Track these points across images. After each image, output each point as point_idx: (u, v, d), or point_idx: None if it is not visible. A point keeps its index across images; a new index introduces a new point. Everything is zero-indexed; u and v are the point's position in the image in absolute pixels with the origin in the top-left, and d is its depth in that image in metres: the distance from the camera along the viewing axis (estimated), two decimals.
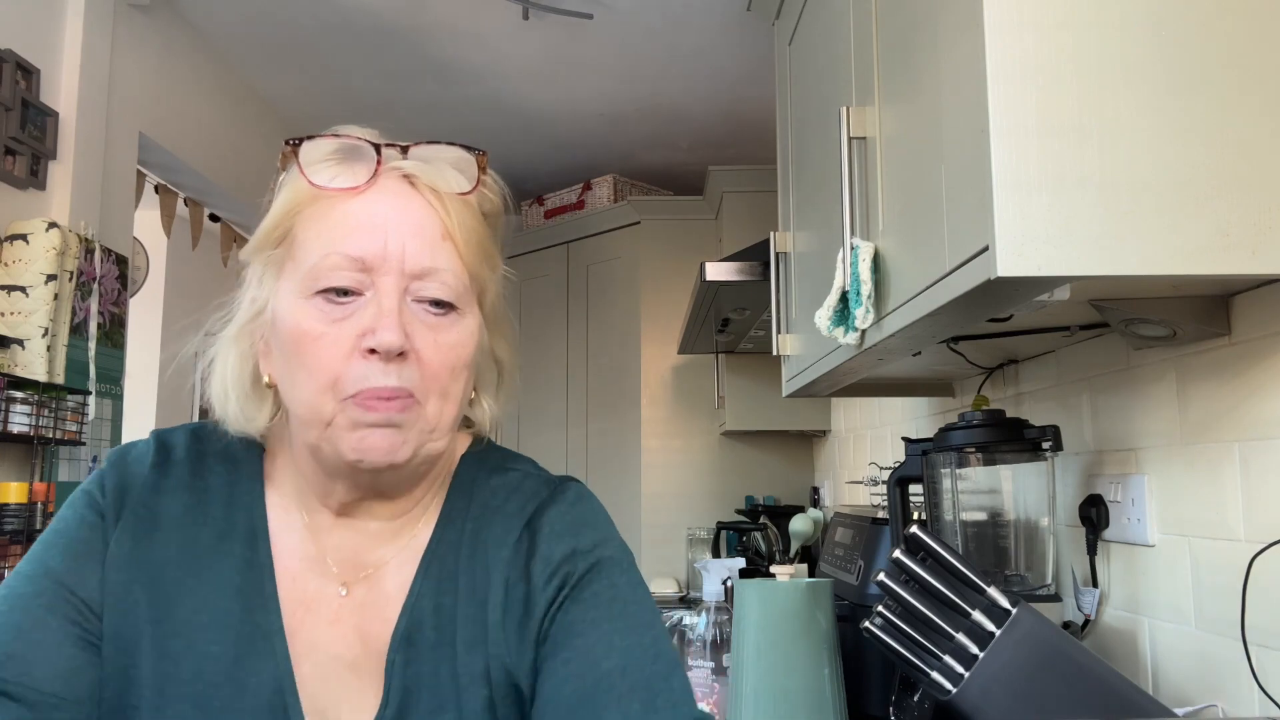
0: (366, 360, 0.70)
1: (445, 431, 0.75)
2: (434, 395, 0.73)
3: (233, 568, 0.76)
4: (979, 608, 0.96)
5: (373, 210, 0.73)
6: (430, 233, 0.73)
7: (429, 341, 0.72)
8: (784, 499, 3.53)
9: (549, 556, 0.77)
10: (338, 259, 0.71)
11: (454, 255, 0.74)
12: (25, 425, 2.12)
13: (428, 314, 0.73)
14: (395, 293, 0.71)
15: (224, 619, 0.74)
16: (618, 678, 0.71)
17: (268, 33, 2.91)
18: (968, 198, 0.89)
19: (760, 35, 2.86)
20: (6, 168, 2.17)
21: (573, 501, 0.82)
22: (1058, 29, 0.86)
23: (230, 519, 0.78)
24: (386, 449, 0.71)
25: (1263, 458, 1.04)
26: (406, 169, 0.75)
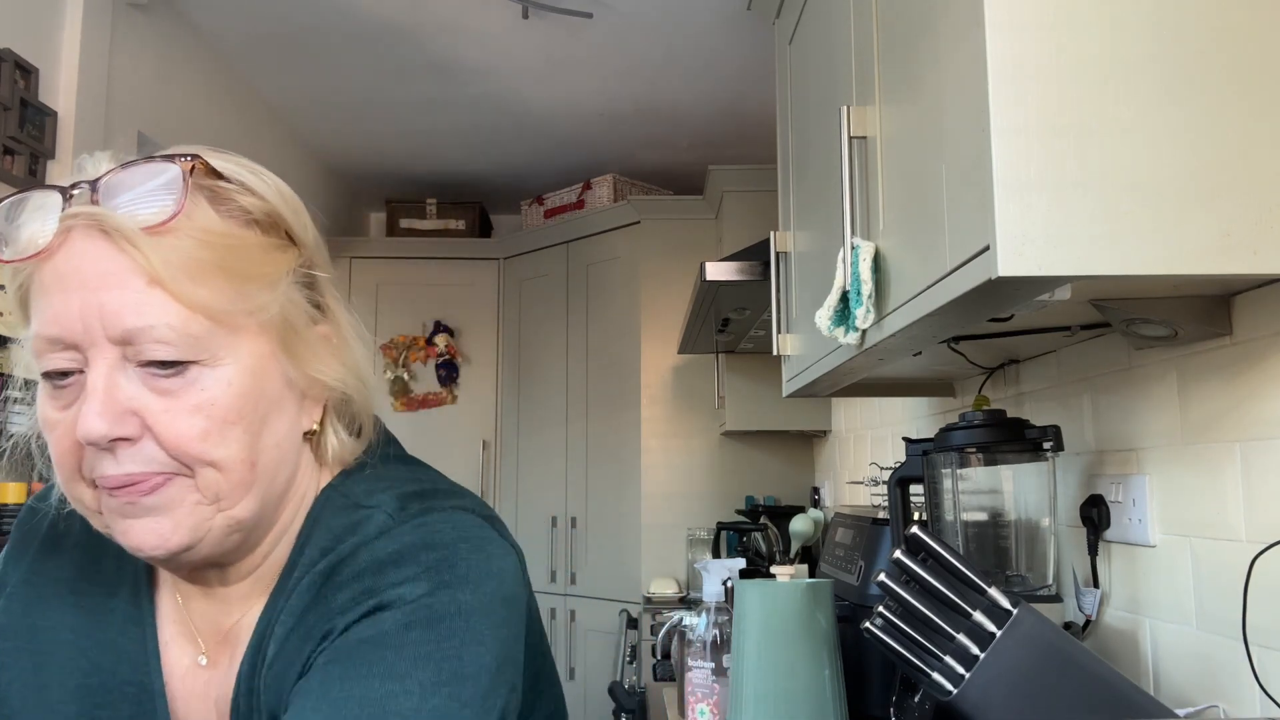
0: (95, 451, 0.62)
1: (239, 496, 0.65)
2: (193, 463, 0.63)
3: (117, 628, 0.72)
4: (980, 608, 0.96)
5: (63, 276, 0.61)
6: (129, 285, 0.61)
7: (163, 410, 0.62)
8: (784, 499, 3.53)
9: (334, 602, 0.66)
10: (40, 344, 0.62)
11: (167, 302, 0.61)
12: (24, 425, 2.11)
13: (156, 379, 0.62)
14: (105, 368, 0.61)
15: (111, 681, 0.70)
16: None
17: (267, 32, 2.91)
18: (968, 197, 0.89)
19: (760, 34, 2.85)
20: (5, 167, 2.16)
21: (399, 536, 0.68)
22: (1058, 29, 0.86)
23: (120, 572, 0.74)
24: (155, 541, 0.63)
25: (1264, 458, 1.04)
26: (98, 217, 0.62)
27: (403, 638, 0.63)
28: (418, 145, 3.81)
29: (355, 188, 4.34)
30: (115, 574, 0.74)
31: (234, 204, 0.66)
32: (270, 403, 0.67)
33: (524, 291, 4.10)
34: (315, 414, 0.72)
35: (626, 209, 3.68)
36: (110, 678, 0.71)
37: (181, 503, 0.63)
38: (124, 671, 0.71)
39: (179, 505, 0.63)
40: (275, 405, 0.67)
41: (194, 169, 0.64)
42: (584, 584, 3.74)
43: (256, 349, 0.66)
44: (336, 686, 0.61)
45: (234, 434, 0.64)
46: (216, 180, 0.66)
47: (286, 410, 0.69)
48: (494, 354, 4.15)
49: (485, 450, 4.08)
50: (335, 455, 0.74)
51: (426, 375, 4.06)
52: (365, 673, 0.62)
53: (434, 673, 0.62)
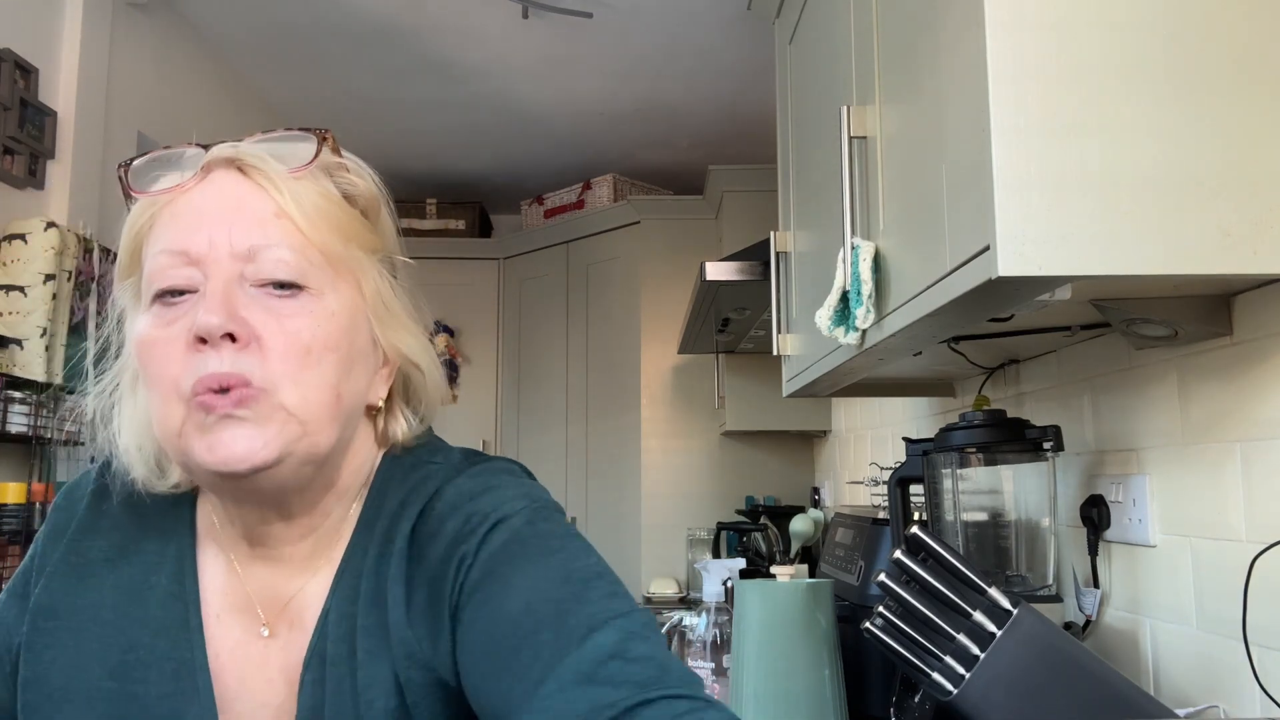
0: (199, 352, 0.64)
1: (323, 425, 0.68)
2: (288, 382, 0.66)
3: (158, 604, 0.74)
4: (980, 608, 0.96)
5: (198, 204, 0.68)
6: (259, 212, 0.68)
7: (271, 324, 0.66)
8: (784, 499, 3.53)
9: (442, 533, 0.71)
10: (164, 259, 0.67)
11: (292, 231, 0.68)
12: (24, 425, 2.11)
13: (270, 297, 0.67)
14: (224, 278, 0.66)
15: (150, 657, 0.72)
16: (524, 616, 0.64)
17: (267, 32, 2.91)
18: (968, 197, 0.89)
19: (760, 34, 2.85)
20: (5, 167, 2.16)
21: (474, 475, 0.75)
22: (1058, 29, 0.86)
23: (161, 552, 0.76)
24: (243, 451, 0.64)
25: (1264, 458, 1.03)
26: (234, 157, 0.69)
27: (534, 529, 0.70)
28: (418, 145, 3.81)
29: None
30: (157, 553, 0.76)
31: (345, 180, 0.74)
32: (358, 351, 0.71)
33: (524, 291, 4.10)
34: (381, 391, 0.76)
35: (626, 209, 3.68)
36: (149, 654, 0.72)
37: (272, 419, 0.66)
38: (163, 647, 0.72)
39: (270, 421, 0.66)
40: (361, 356, 0.72)
41: (325, 140, 0.72)
42: None
43: (354, 299, 0.71)
44: (517, 577, 0.66)
45: (329, 360, 0.68)
46: (339, 158, 0.73)
47: (367, 367, 0.73)
48: (494, 354, 4.15)
49: (485, 450, 4.08)
50: (399, 435, 0.78)
51: None
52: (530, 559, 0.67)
53: (579, 544, 0.70)
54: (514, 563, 0.67)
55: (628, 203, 3.67)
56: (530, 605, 0.64)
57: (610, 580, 0.67)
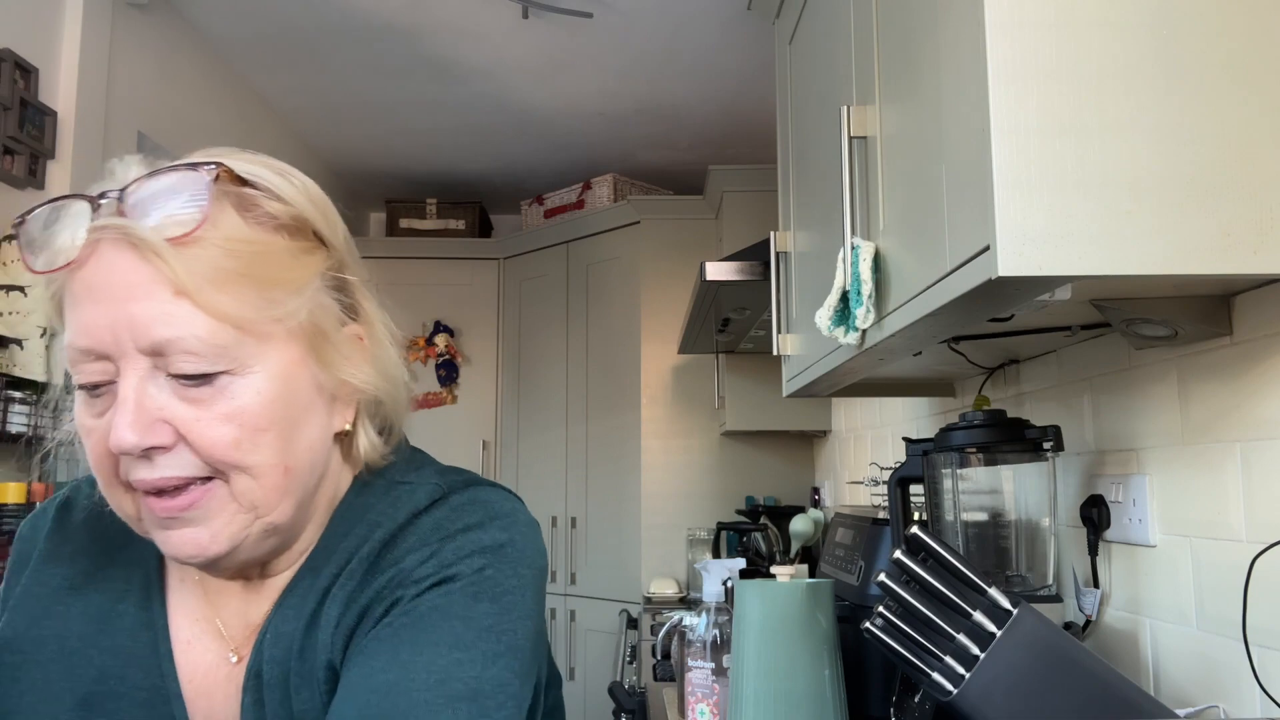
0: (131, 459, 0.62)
1: (275, 503, 0.66)
2: (234, 469, 0.63)
3: (126, 632, 0.72)
4: (980, 608, 0.96)
5: (92, 288, 0.62)
6: (157, 297, 0.61)
7: (194, 418, 0.62)
8: (784, 499, 3.53)
9: (401, 566, 0.68)
10: (73, 354, 0.63)
11: (194, 314, 0.61)
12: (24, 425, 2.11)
13: (187, 388, 0.62)
14: (136, 378, 0.61)
15: (121, 687, 0.70)
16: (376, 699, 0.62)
17: (267, 32, 2.91)
18: (968, 197, 0.89)
19: (760, 34, 2.85)
20: (5, 167, 2.16)
21: (456, 507, 0.72)
22: (1058, 29, 0.86)
23: (127, 579, 0.74)
24: (195, 550, 0.64)
25: (1264, 458, 1.03)
26: (126, 229, 0.62)
27: (471, 609, 0.67)
28: (418, 145, 3.81)
29: (355, 188, 4.34)
30: (123, 579, 0.74)
31: (261, 210, 0.66)
32: (301, 408, 0.67)
33: (524, 291, 4.10)
34: (348, 415, 0.72)
35: (626, 209, 3.68)
36: (120, 683, 0.71)
37: (220, 512, 0.64)
38: (134, 676, 0.71)
39: (217, 515, 0.64)
40: (306, 409, 0.68)
41: (219, 177, 0.64)
42: (584, 584, 3.74)
43: (285, 355, 0.66)
44: (406, 650, 0.64)
45: (266, 440, 0.64)
46: (242, 187, 0.66)
47: (317, 414, 0.69)
48: (494, 354, 4.15)
49: (485, 450, 4.08)
50: (365, 455, 0.74)
51: (426, 375, 4.06)
52: (435, 640, 0.65)
53: (495, 644, 0.67)
54: (418, 632, 0.65)
55: (628, 203, 3.67)
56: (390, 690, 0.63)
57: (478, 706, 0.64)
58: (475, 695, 0.64)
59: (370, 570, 0.70)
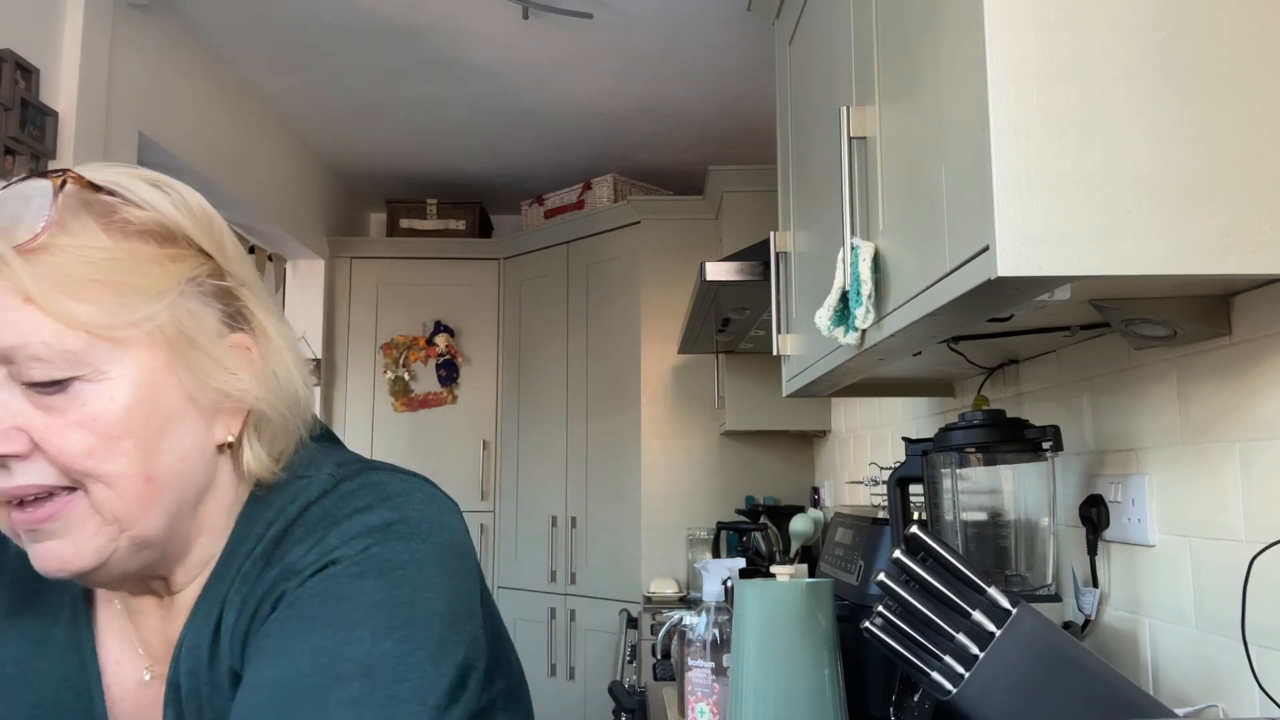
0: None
1: (141, 513, 0.64)
2: (93, 477, 0.62)
3: (57, 656, 0.72)
4: (979, 608, 0.96)
5: None
6: (5, 305, 0.60)
7: (48, 426, 0.61)
8: (784, 499, 3.53)
9: (285, 560, 0.68)
10: None
11: (41, 319, 0.60)
12: None
13: (40, 395, 0.61)
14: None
15: (54, 713, 0.71)
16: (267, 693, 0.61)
17: (267, 32, 2.91)
18: (968, 197, 0.89)
19: (760, 35, 2.85)
20: (6, 168, 2.17)
21: (345, 494, 0.70)
22: (1058, 29, 0.86)
23: (58, 603, 0.74)
24: (58, 564, 0.63)
25: (1264, 458, 1.04)
26: None
27: (355, 587, 0.65)
28: (418, 145, 3.81)
29: (355, 188, 4.34)
30: (55, 603, 0.74)
31: (118, 216, 0.65)
32: (166, 415, 0.65)
33: (524, 291, 4.10)
34: (233, 426, 0.70)
35: (626, 209, 3.68)
36: (54, 708, 0.71)
37: (83, 526, 0.63)
38: (66, 699, 0.71)
39: (80, 528, 0.63)
40: (173, 418, 0.66)
41: (64, 184, 0.63)
42: (584, 584, 3.74)
43: (145, 361, 0.64)
44: (290, 641, 0.63)
45: (123, 448, 0.63)
46: (96, 194, 0.65)
47: (189, 423, 0.67)
48: (494, 354, 4.15)
49: (485, 450, 4.08)
50: (250, 470, 0.72)
51: (427, 375, 4.06)
52: (319, 623, 0.63)
53: (387, 618, 0.64)
54: (300, 621, 0.64)
55: (628, 203, 3.67)
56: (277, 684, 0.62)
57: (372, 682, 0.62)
58: (368, 671, 0.62)
59: (263, 569, 0.68)
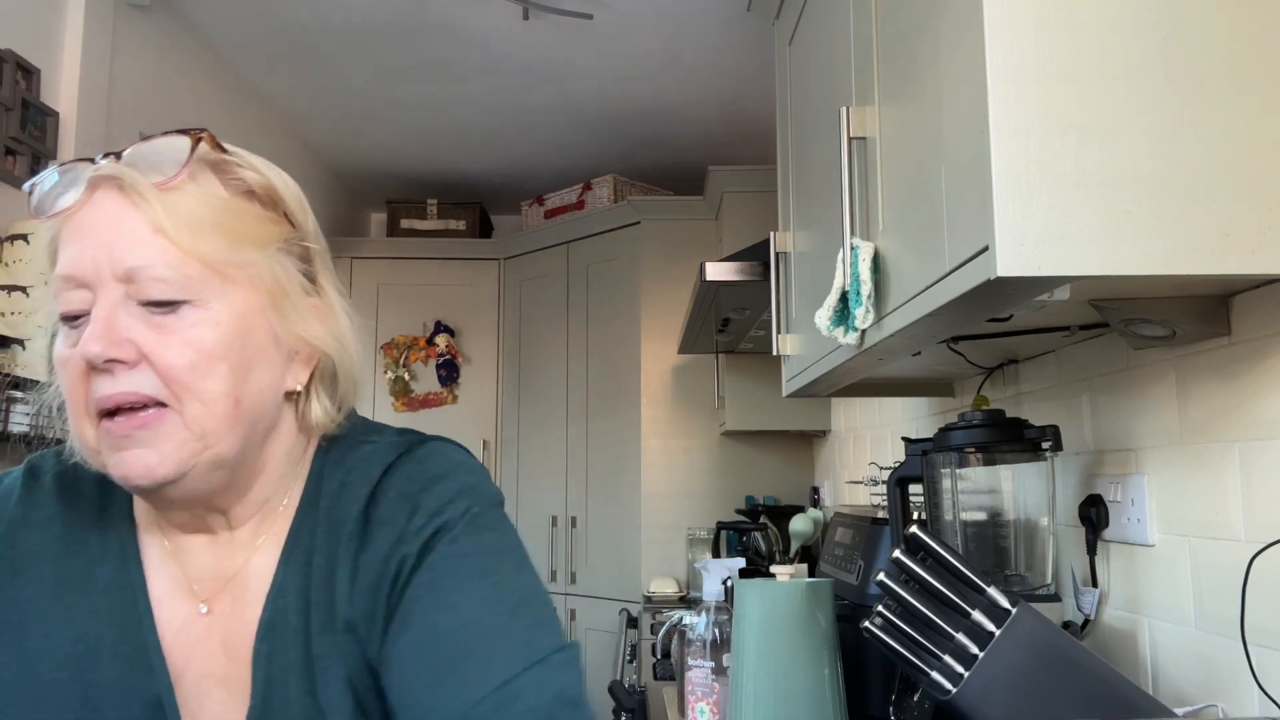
0: (96, 376, 0.68)
1: (223, 433, 0.71)
2: (186, 394, 0.69)
3: (105, 593, 0.76)
4: (979, 608, 0.96)
5: (84, 226, 0.70)
6: (136, 231, 0.69)
7: (157, 341, 0.68)
8: (784, 499, 3.53)
9: (392, 523, 0.76)
10: (58, 284, 0.70)
11: (168, 246, 0.69)
12: (25, 425, 2.12)
13: (153, 315, 0.69)
14: (109, 302, 0.68)
15: (101, 645, 0.74)
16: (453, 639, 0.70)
17: (267, 33, 2.91)
18: (968, 198, 0.89)
19: (760, 35, 2.86)
20: (7, 168, 2.17)
21: (420, 460, 0.79)
22: (1058, 29, 0.86)
23: (103, 544, 0.78)
24: (143, 470, 0.68)
25: (1263, 458, 1.04)
26: (114, 174, 0.71)
27: (478, 542, 0.75)
28: (418, 145, 3.81)
29: (356, 188, 4.34)
30: (99, 546, 0.78)
31: (235, 175, 0.75)
32: (256, 349, 0.73)
33: (524, 291, 4.10)
34: (301, 376, 0.78)
35: (626, 209, 3.68)
36: (100, 642, 0.74)
37: (171, 438, 0.69)
38: (112, 634, 0.75)
39: (168, 440, 0.69)
40: (260, 354, 0.73)
41: (199, 141, 0.73)
42: (584, 583, 3.74)
43: (246, 300, 0.72)
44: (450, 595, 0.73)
45: (220, 369, 0.70)
46: (222, 154, 0.75)
47: (272, 362, 0.75)
48: (494, 354, 4.15)
49: (485, 450, 4.09)
50: (317, 421, 0.79)
51: (427, 375, 4.06)
52: (467, 576, 0.73)
53: (511, 561, 0.76)
54: (453, 580, 0.73)
55: (628, 203, 3.67)
56: (460, 628, 0.71)
57: (536, 605, 0.74)
58: (525, 599, 0.74)
59: (365, 530, 0.76)
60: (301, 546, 0.77)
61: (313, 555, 0.77)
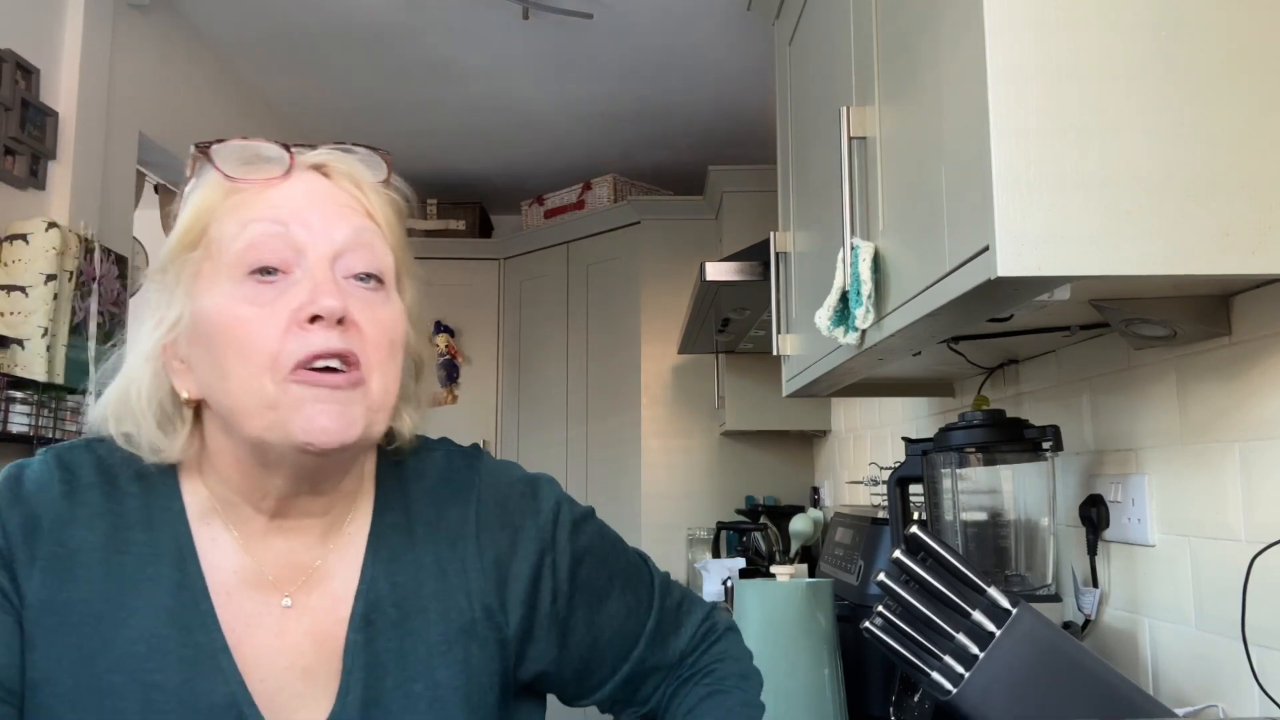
0: (306, 330, 0.70)
1: (386, 414, 0.75)
2: (376, 369, 0.73)
3: (164, 591, 0.74)
4: (979, 608, 0.96)
5: (292, 194, 0.74)
6: (352, 211, 0.75)
7: (366, 314, 0.73)
8: (784, 499, 3.53)
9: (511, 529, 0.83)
10: (265, 237, 0.71)
11: (377, 233, 0.76)
12: (25, 425, 2.12)
13: (359, 288, 0.73)
14: (325, 265, 0.72)
15: (163, 645, 0.72)
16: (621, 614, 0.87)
17: (267, 33, 2.91)
18: (968, 198, 0.89)
19: (760, 35, 2.86)
20: (6, 167, 2.17)
21: (495, 465, 0.88)
22: (1058, 29, 0.86)
23: (154, 542, 0.75)
24: (337, 428, 0.70)
25: (1263, 458, 1.04)
26: (321, 162, 0.77)
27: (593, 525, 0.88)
28: (418, 145, 3.81)
29: None
30: (149, 544, 0.75)
31: (397, 199, 0.81)
32: (401, 348, 0.77)
33: (524, 291, 4.10)
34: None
35: (626, 209, 3.68)
36: (161, 642, 0.72)
37: (357, 405, 0.71)
38: (175, 635, 0.72)
39: (355, 406, 0.71)
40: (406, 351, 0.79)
41: (388, 159, 0.81)
42: None
43: (403, 303, 0.78)
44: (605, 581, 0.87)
45: (399, 354, 0.76)
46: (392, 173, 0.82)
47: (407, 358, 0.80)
48: (494, 354, 4.15)
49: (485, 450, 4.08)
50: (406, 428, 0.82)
51: None
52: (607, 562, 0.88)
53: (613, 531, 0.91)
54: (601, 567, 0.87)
55: (628, 203, 3.67)
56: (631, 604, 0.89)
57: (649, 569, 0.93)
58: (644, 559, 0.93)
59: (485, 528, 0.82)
60: (390, 543, 0.80)
61: (407, 552, 0.80)
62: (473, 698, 0.78)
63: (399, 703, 0.75)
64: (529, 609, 0.82)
